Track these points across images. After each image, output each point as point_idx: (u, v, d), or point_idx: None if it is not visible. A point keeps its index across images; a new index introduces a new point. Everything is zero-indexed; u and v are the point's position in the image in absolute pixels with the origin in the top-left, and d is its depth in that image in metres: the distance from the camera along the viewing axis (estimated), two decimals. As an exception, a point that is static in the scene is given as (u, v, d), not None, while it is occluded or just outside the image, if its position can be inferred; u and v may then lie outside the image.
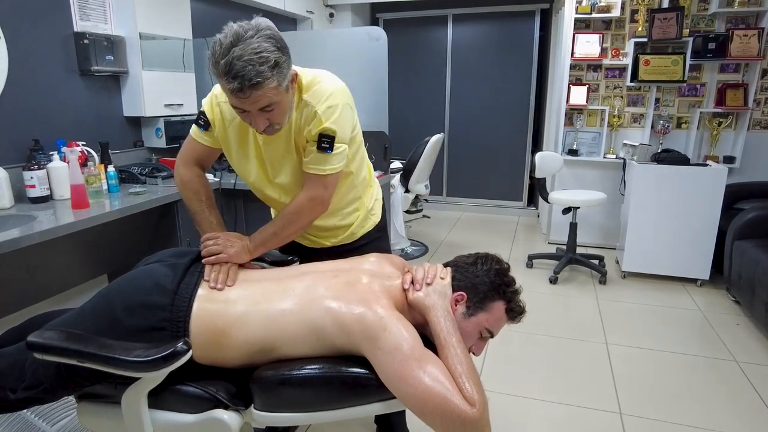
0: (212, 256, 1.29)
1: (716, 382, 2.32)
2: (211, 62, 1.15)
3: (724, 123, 4.00)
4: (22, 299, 2.14)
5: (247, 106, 1.19)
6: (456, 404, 0.96)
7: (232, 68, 1.10)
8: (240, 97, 1.15)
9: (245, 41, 1.11)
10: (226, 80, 1.12)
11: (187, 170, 1.51)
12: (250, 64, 1.10)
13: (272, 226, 1.41)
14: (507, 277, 1.23)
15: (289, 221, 1.40)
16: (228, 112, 1.39)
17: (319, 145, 1.33)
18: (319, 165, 1.35)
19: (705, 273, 3.38)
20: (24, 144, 2.24)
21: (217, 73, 1.14)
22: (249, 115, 1.23)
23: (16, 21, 2.21)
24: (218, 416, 1.10)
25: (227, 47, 1.11)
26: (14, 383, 1.15)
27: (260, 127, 1.25)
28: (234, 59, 1.10)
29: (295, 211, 1.40)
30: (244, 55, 1.10)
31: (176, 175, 1.53)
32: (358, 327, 1.05)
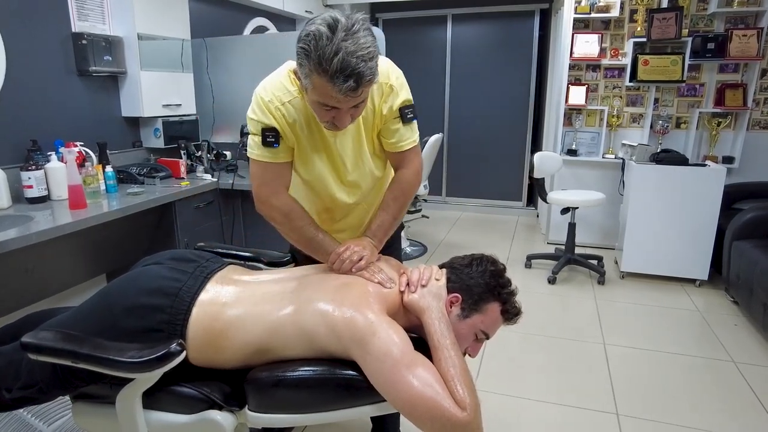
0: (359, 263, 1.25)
1: (714, 383, 2.32)
2: (311, 58, 1.03)
3: (723, 123, 3.99)
4: (19, 300, 2.14)
5: (346, 104, 1.10)
6: (446, 408, 0.96)
7: (347, 66, 1.01)
8: (351, 96, 1.06)
9: (354, 35, 1.02)
10: (336, 78, 1.02)
11: (282, 200, 1.35)
12: (363, 60, 1.02)
13: (386, 214, 1.39)
14: (502, 278, 1.22)
15: (405, 202, 1.40)
16: (289, 114, 1.27)
17: (404, 117, 1.31)
18: (411, 136, 1.35)
19: (704, 273, 3.38)
20: (22, 144, 2.25)
21: (322, 69, 1.02)
22: (335, 112, 1.13)
23: (14, 21, 2.21)
24: (212, 417, 1.10)
25: (339, 42, 1.00)
26: (10, 383, 1.16)
27: (346, 124, 1.18)
28: (348, 55, 1.01)
29: (405, 190, 1.39)
30: (358, 50, 1.02)
31: (271, 211, 1.35)
32: (348, 331, 1.05)
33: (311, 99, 1.14)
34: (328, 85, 1.05)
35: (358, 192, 1.41)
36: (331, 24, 1.02)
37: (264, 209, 1.36)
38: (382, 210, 1.39)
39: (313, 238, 1.35)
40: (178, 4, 2.96)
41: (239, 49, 3.29)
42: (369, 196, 1.47)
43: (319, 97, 1.10)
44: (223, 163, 3.06)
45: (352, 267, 1.24)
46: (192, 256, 1.31)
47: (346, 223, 1.49)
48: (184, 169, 2.87)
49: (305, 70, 1.07)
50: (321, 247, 1.34)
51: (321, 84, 1.06)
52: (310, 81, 1.08)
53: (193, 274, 1.21)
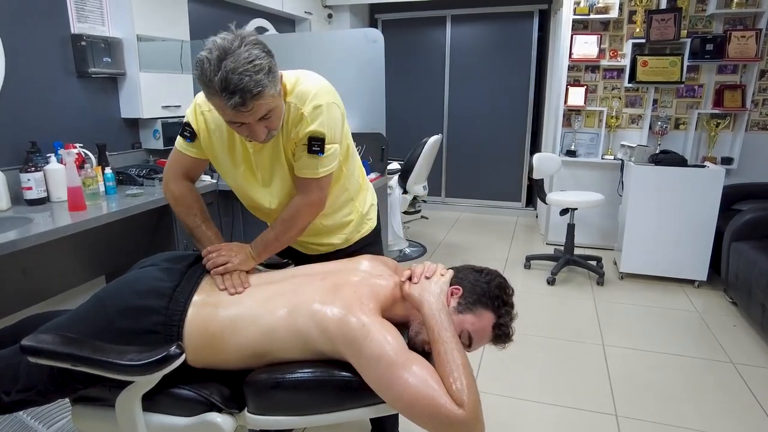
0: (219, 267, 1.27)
1: (712, 384, 2.32)
2: (202, 82, 1.10)
3: (722, 124, 4.00)
4: (18, 302, 2.14)
5: (246, 118, 1.14)
6: (443, 405, 0.95)
7: (230, 83, 1.06)
8: (241, 111, 1.10)
9: (234, 53, 1.06)
10: (224, 96, 1.07)
11: (177, 185, 1.46)
12: (246, 74, 1.06)
13: (272, 232, 1.40)
14: (507, 295, 1.21)
15: (289, 226, 1.40)
16: (212, 121, 1.35)
17: (309, 148, 1.30)
18: (312, 168, 1.33)
19: (702, 274, 3.38)
20: (21, 146, 2.25)
21: (210, 91, 1.09)
22: (247, 127, 1.18)
23: (13, 23, 2.21)
24: (212, 419, 1.10)
25: (216, 62, 1.05)
26: (8, 385, 1.15)
27: (261, 137, 1.20)
28: (228, 73, 1.05)
29: (293, 216, 1.39)
30: (238, 66, 1.05)
31: (166, 191, 1.48)
32: (340, 333, 1.05)
33: (222, 118, 1.21)
34: (220, 103, 1.11)
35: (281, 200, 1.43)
36: (211, 48, 1.08)
37: (164, 190, 1.49)
38: (270, 227, 1.43)
39: (197, 226, 1.45)
40: (177, 5, 2.96)
41: (238, 50, 3.28)
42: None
43: (223, 115, 1.17)
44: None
45: (212, 268, 1.28)
46: (188, 257, 1.32)
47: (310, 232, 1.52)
48: (184, 170, 2.87)
49: (204, 95, 1.14)
50: (202, 238, 1.44)
51: (216, 104, 1.13)
52: (212, 103, 1.15)
53: (187, 274, 1.22)
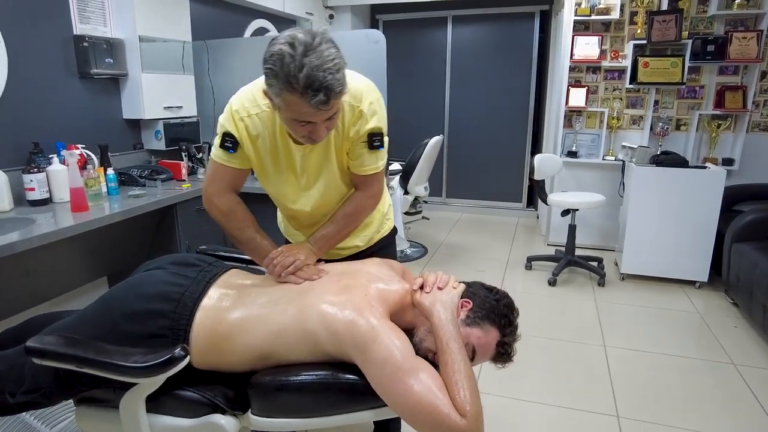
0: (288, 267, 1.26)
1: (714, 385, 2.32)
2: (279, 77, 1.05)
3: (723, 125, 4.00)
4: (21, 303, 2.14)
5: (320, 117, 1.12)
6: (446, 414, 0.96)
7: (315, 80, 1.03)
8: (321, 109, 1.08)
9: (316, 49, 1.04)
10: (307, 94, 1.04)
11: (224, 200, 1.39)
12: (329, 72, 1.04)
13: (333, 226, 1.41)
14: (513, 315, 1.22)
15: (351, 220, 1.42)
16: (253, 126, 1.31)
17: (370, 144, 1.33)
18: (374, 163, 1.36)
19: (703, 275, 3.39)
20: (24, 147, 2.25)
21: (289, 87, 1.05)
22: (310, 127, 1.15)
23: (16, 24, 2.22)
24: (216, 421, 1.10)
25: (301, 58, 1.02)
26: (13, 387, 1.16)
27: (323, 137, 1.19)
28: (314, 70, 1.03)
29: (357, 210, 1.42)
30: (323, 64, 1.03)
31: (212, 209, 1.40)
32: (349, 335, 1.05)
33: (285, 117, 1.15)
34: (299, 101, 1.07)
35: (321, 205, 1.43)
36: (291, 42, 1.04)
37: (207, 206, 1.41)
38: (330, 221, 1.42)
39: (251, 239, 1.39)
40: (179, 6, 2.96)
41: (240, 51, 3.30)
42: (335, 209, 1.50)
43: (292, 114, 1.12)
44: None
45: (282, 271, 1.26)
46: (194, 261, 1.31)
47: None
48: (185, 171, 2.88)
49: (275, 89, 1.09)
50: (258, 249, 1.37)
51: (293, 101, 1.08)
52: (282, 99, 1.10)
53: (196, 279, 1.21)
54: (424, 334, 1.16)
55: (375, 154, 1.35)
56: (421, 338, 1.16)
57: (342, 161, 1.37)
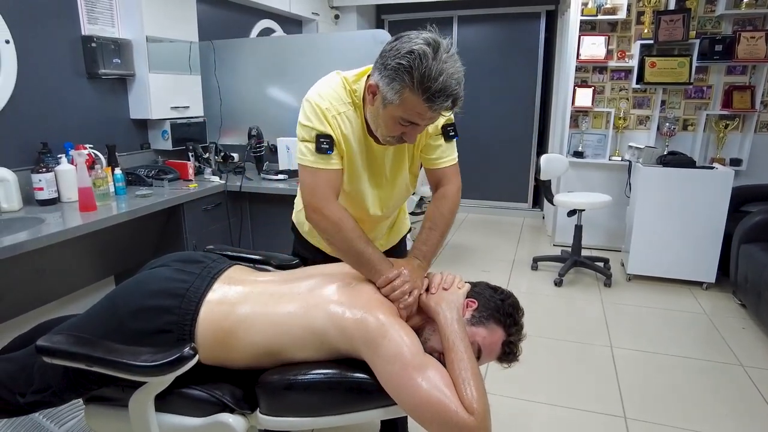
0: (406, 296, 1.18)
1: (722, 387, 2.31)
2: (415, 76, 1.05)
3: (730, 125, 3.98)
4: (30, 301, 2.16)
5: (428, 121, 1.16)
6: (454, 411, 0.96)
7: (449, 87, 1.06)
8: (443, 115, 1.15)
9: (452, 58, 1.07)
10: (438, 98, 1.06)
11: (334, 208, 1.26)
12: (458, 83, 1.08)
13: (437, 232, 1.36)
14: (518, 315, 1.21)
15: (450, 219, 1.41)
16: (344, 124, 1.27)
17: (446, 135, 1.36)
18: (452, 154, 1.40)
19: (711, 276, 3.37)
20: (32, 147, 2.27)
21: (423, 89, 1.05)
22: (409, 128, 1.17)
23: (26, 25, 2.23)
24: (224, 420, 1.10)
25: (440, 64, 1.05)
26: (23, 387, 1.16)
27: (415, 139, 1.24)
28: (450, 77, 1.05)
29: (452, 207, 1.42)
30: (455, 72, 1.07)
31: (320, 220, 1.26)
32: (358, 332, 1.05)
33: (391, 114, 1.14)
34: (423, 103, 1.07)
35: (390, 206, 1.44)
36: (432, 44, 1.05)
37: (315, 217, 1.27)
38: (431, 229, 1.35)
39: (362, 252, 1.23)
40: (186, 6, 2.98)
41: (246, 51, 3.31)
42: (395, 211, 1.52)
43: (404, 113, 1.12)
44: (230, 165, 3.07)
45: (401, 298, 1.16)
46: (199, 258, 1.32)
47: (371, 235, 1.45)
48: (192, 171, 2.89)
49: (398, 85, 1.08)
50: (370, 264, 1.22)
51: (414, 101, 1.08)
52: (400, 96, 1.09)
53: (200, 275, 1.22)
54: (429, 333, 1.16)
55: (451, 144, 1.39)
56: (427, 337, 1.16)
57: (413, 163, 1.40)
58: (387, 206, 1.43)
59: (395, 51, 1.08)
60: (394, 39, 1.12)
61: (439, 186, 1.43)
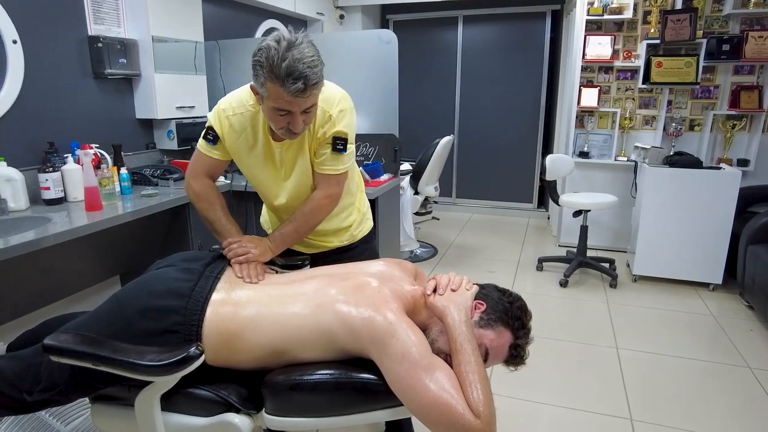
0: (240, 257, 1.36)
1: (729, 389, 2.29)
2: (264, 67, 1.22)
3: (738, 125, 3.95)
4: (36, 300, 2.17)
5: (297, 107, 1.27)
6: (460, 414, 0.95)
7: (295, 70, 1.19)
8: (300, 98, 1.24)
9: (298, 46, 1.21)
10: (288, 81, 1.20)
11: (199, 183, 1.57)
12: (308, 66, 1.20)
13: (291, 225, 1.52)
14: (526, 318, 1.21)
15: (308, 219, 1.53)
16: (238, 123, 1.47)
17: (334, 146, 1.47)
18: (334, 165, 1.49)
19: (718, 277, 3.34)
20: (39, 146, 2.27)
21: (274, 75, 1.20)
22: (289, 117, 1.30)
23: (33, 26, 2.24)
24: (230, 419, 1.11)
25: (284, 51, 1.19)
26: (30, 385, 1.17)
27: (299, 128, 1.33)
28: (295, 62, 1.19)
29: (313, 209, 1.52)
30: (303, 58, 1.20)
31: (188, 189, 1.59)
32: (366, 332, 1.05)
33: (267, 107, 1.30)
34: (280, 89, 1.22)
35: (296, 197, 1.56)
36: (277, 39, 1.22)
37: (185, 188, 1.59)
38: (288, 220, 1.53)
39: (214, 221, 1.54)
40: (192, 6, 2.98)
41: (251, 51, 3.28)
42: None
43: (273, 102, 1.27)
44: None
45: (233, 258, 1.35)
46: (203, 257, 1.34)
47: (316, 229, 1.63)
48: (197, 170, 2.89)
49: (260, 79, 1.25)
50: (220, 233, 1.53)
51: (274, 89, 1.24)
52: (265, 89, 1.25)
53: (204, 274, 1.23)
54: (436, 334, 1.16)
55: (337, 157, 1.48)
56: (434, 338, 1.16)
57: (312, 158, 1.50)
58: (290, 195, 1.56)
59: (253, 52, 1.26)
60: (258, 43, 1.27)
61: (315, 188, 1.54)
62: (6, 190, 2.07)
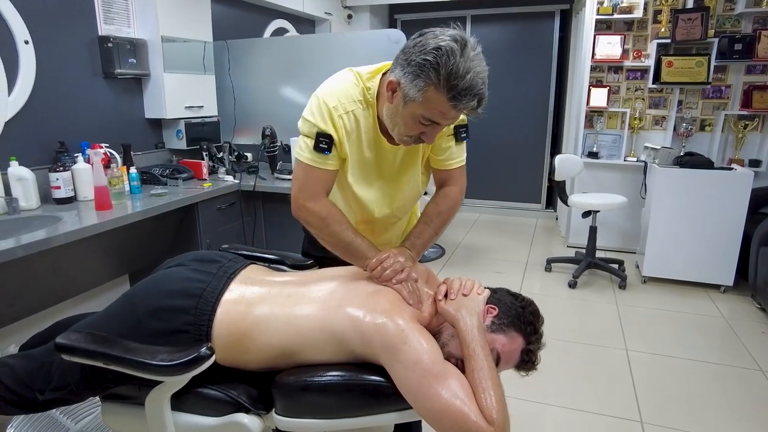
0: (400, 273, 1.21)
1: (740, 392, 2.27)
2: (441, 73, 1.01)
3: (750, 125, 3.90)
4: (46, 299, 2.18)
5: (450, 120, 1.14)
6: (473, 421, 0.94)
7: (475, 87, 1.03)
8: (467, 115, 1.12)
9: (479, 56, 1.04)
10: (464, 97, 1.03)
11: (321, 205, 1.29)
12: (484, 82, 1.05)
13: (431, 228, 1.38)
14: (538, 323, 1.20)
15: (446, 217, 1.41)
16: (349, 124, 1.25)
17: (458, 136, 1.35)
18: (460, 155, 1.39)
19: (729, 279, 3.31)
20: (50, 146, 2.29)
21: (450, 86, 1.02)
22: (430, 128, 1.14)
23: (44, 26, 2.25)
24: (239, 420, 1.10)
25: (468, 63, 1.01)
26: (42, 384, 1.17)
27: (434, 140, 1.20)
28: (476, 76, 1.02)
29: (450, 207, 1.40)
30: (482, 72, 1.04)
31: (307, 215, 1.29)
32: (378, 337, 1.04)
33: (412, 112, 1.11)
34: (447, 102, 1.04)
35: (399, 207, 1.41)
36: (460, 41, 1.02)
37: (301, 213, 1.31)
38: (424, 223, 1.38)
39: (351, 242, 1.27)
40: (201, 6, 2.99)
41: (260, 51, 3.32)
42: (408, 212, 1.50)
43: (426, 111, 1.09)
44: (244, 165, 3.08)
45: (393, 277, 1.19)
46: (215, 257, 1.31)
47: (385, 238, 1.50)
48: (206, 170, 2.90)
49: (422, 82, 1.04)
50: (359, 252, 1.27)
51: (438, 99, 1.05)
52: (423, 94, 1.06)
53: (217, 275, 1.22)
54: (447, 338, 1.15)
55: (461, 146, 1.38)
56: (444, 343, 1.15)
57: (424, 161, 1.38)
58: (395, 206, 1.40)
59: (420, 47, 1.04)
60: (418, 35, 1.07)
61: (443, 186, 1.42)
62: (18, 189, 2.09)
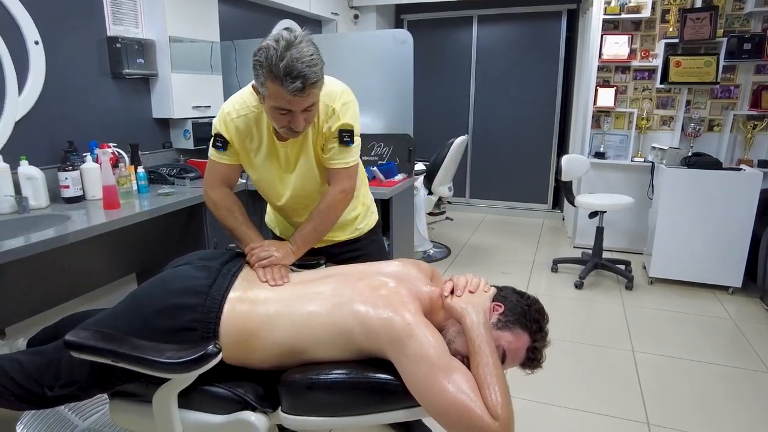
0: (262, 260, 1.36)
1: (749, 394, 2.25)
2: (264, 67, 1.22)
3: (759, 126, 3.87)
4: (55, 297, 2.20)
5: (297, 106, 1.27)
6: (479, 416, 0.95)
7: (293, 69, 1.19)
8: (299, 97, 1.24)
9: (297, 46, 1.20)
10: (286, 80, 1.20)
11: (216, 192, 1.58)
12: (307, 65, 1.20)
13: (309, 224, 1.52)
14: (544, 321, 1.20)
15: (326, 216, 1.53)
16: (243, 125, 1.48)
17: (341, 139, 1.47)
18: (344, 158, 1.50)
19: (737, 280, 3.28)
20: (59, 145, 2.31)
21: (273, 75, 1.21)
22: (290, 116, 1.30)
23: (54, 27, 2.27)
24: (246, 418, 1.11)
25: (282, 51, 1.19)
26: (51, 381, 1.19)
27: (301, 127, 1.33)
28: (293, 61, 1.19)
29: (329, 206, 1.52)
30: (302, 57, 1.20)
31: (207, 199, 1.60)
32: (385, 332, 1.05)
33: (268, 106, 1.30)
34: (279, 88, 1.22)
35: (305, 195, 1.58)
36: (276, 38, 1.21)
37: (204, 198, 1.61)
38: (306, 220, 1.54)
39: (234, 228, 1.55)
40: (208, 7, 3.01)
41: (267, 51, 3.32)
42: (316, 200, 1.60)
43: (274, 101, 1.27)
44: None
45: (257, 262, 1.36)
46: (218, 254, 1.36)
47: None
48: (213, 170, 2.91)
49: (261, 79, 1.26)
50: (241, 238, 1.53)
51: (274, 88, 1.24)
52: (266, 88, 1.26)
53: (221, 272, 1.24)
54: (453, 335, 1.15)
55: (345, 149, 1.49)
56: (450, 339, 1.15)
57: (318, 156, 1.52)
58: (298, 194, 1.58)
59: (253, 53, 1.26)
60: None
61: (329, 184, 1.55)
62: (27, 188, 2.10)
